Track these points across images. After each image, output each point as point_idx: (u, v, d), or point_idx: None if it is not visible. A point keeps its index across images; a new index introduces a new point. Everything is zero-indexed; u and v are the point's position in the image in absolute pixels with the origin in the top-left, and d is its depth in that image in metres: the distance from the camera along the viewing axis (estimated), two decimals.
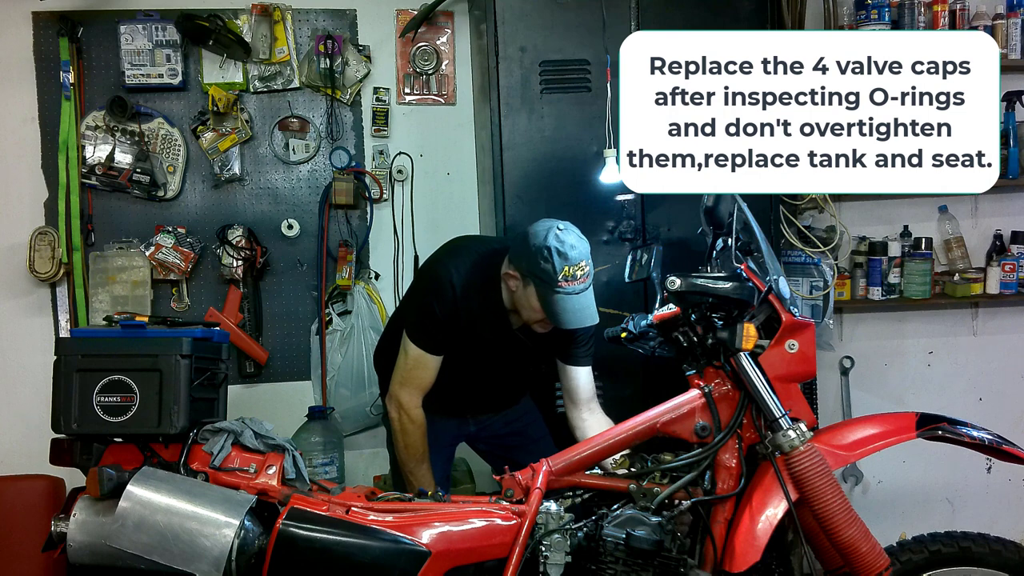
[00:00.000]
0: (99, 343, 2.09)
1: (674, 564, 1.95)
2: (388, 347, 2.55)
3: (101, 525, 1.88)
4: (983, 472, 3.64)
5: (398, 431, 2.43)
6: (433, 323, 2.38)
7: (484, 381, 2.56)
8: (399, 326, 2.48)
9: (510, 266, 2.35)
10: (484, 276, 2.40)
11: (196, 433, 2.05)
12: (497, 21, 2.87)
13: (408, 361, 2.41)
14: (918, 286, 3.46)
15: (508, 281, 2.36)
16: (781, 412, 2.00)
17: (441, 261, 2.46)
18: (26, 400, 3.23)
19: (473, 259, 2.42)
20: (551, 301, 2.25)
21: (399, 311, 2.71)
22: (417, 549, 1.91)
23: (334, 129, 3.41)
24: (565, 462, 2.11)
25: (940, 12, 3.35)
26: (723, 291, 2.10)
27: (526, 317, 2.37)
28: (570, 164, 2.91)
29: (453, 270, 2.39)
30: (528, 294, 2.31)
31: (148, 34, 3.23)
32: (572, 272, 2.23)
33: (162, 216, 3.33)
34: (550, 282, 2.23)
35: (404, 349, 2.42)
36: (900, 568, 2.08)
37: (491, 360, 2.49)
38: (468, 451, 2.88)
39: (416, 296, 2.52)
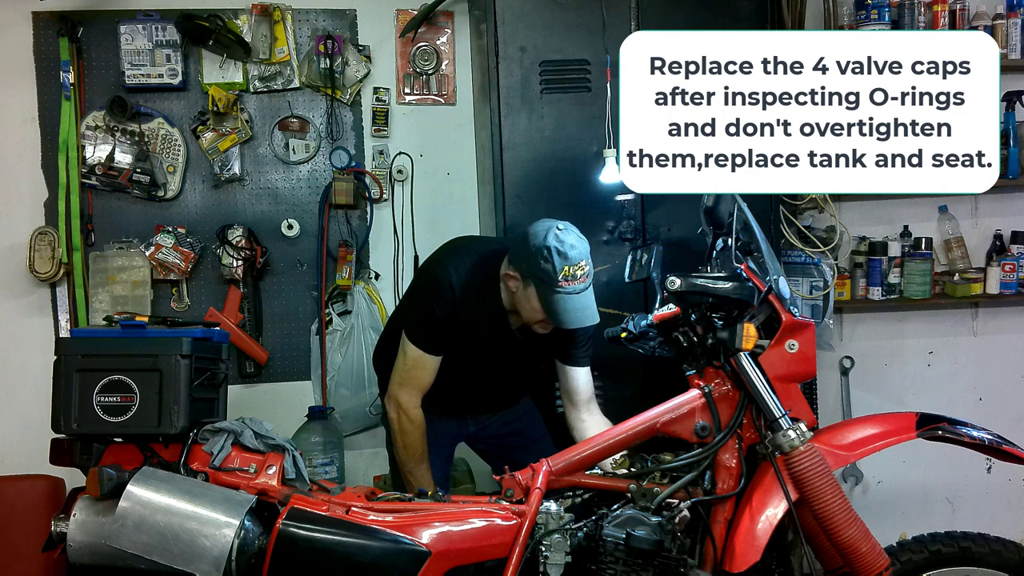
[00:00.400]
0: (99, 343, 2.09)
1: (674, 564, 1.95)
2: (387, 347, 2.55)
3: (101, 525, 1.88)
4: (983, 472, 3.64)
5: (397, 431, 2.43)
6: (432, 323, 2.38)
7: (483, 381, 2.56)
8: (398, 326, 2.48)
9: (510, 267, 2.35)
10: (484, 276, 2.40)
11: (196, 433, 2.05)
12: (497, 21, 2.87)
13: (407, 361, 2.41)
14: (918, 286, 3.46)
15: (508, 282, 2.36)
16: (781, 412, 2.00)
17: (440, 262, 2.46)
18: (26, 400, 3.23)
19: (473, 260, 2.42)
20: (551, 301, 2.25)
21: (398, 311, 2.71)
22: (417, 549, 1.91)
23: (334, 129, 3.41)
24: (565, 462, 2.11)
25: (940, 12, 3.34)
26: (723, 291, 2.10)
27: (526, 317, 2.36)
28: (570, 164, 2.91)
29: (452, 270, 2.39)
30: (528, 294, 2.30)
31: (148, 34, 3.23)
32: (572, 272, 2.23)
33: (162, 216, 3.33)
34: (550, 282, 2.23)
35: (403, 349, 2.42)
36: (900, 568, 2.08)
37: (490, 360, 2.49)
38: (468, 451, 2.88)
39: (415, 296, 2.52)
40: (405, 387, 2.42)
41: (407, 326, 2.43)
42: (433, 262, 2.50)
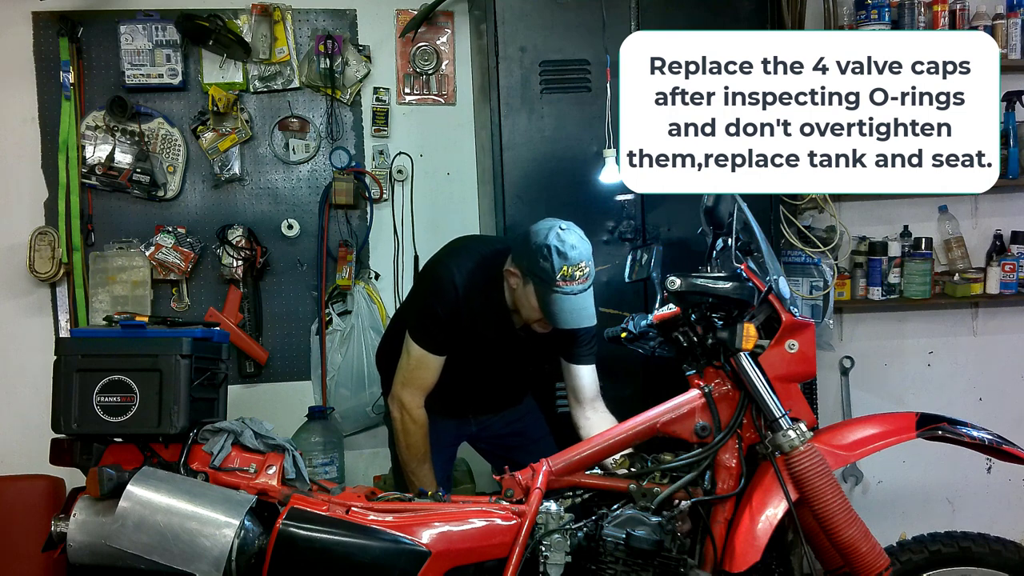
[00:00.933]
0: (99, 343, 2.09)
1: (674, 564, 1.95)
2: (390, 347, 2.55)
3: (101, 525, 1.88)
4: (983, 472, 3.64)
5: (400, 431, 2.43)
6: (435, 323, 2.37)
7: (486, 381, 2.56)
8: (401, 326, 2.48)
9: (512, 264, 2.35)
10: (486, 276, 2.40)
11: (196, 433, 2.05)
12: (497, 21, 2.87)
13: (411, 361, 2.41)
14: (918, 286, 3.46)
15: (509, 279, 2.36)
16: (781, 412, 2.00)
17: (443, 262, 2.46)
18: (26, 400, 3.23)
19: (475, 259, 2.42)
20: (549, 300, 2.25)
21: (401, 311, 2.71)
22: (417, 549, 1.91)
23: (334, 129, 3.41)
24: (565, 462, 2.11)
25: (940, 12, 3.34)
26: (723, 291, 2.10)
27: (525, 316, 2.36)
28: (570, 164, 2.91)
29: (455, 270, 2.39)
30: (527, 292, 2.30)
31: (148, 34, 3.23)
32: (571, 272, 2.23)
33: (162, 216, 3.33)
34: (548, 281, 2.23)
35: (407, 350, 2.41)
36: (900, 568, 2.08)
37: (493, 360, 2.49)
38: (468, 451, 2.87)
39: (418, 297, 2.52)
40: (408, 387, 2.41)
41: (410, 326, 2.43)
42: (436, 262, 2.49)
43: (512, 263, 2.35)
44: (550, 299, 2.25)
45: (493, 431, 2.69)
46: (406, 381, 2.41)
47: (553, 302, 2.25)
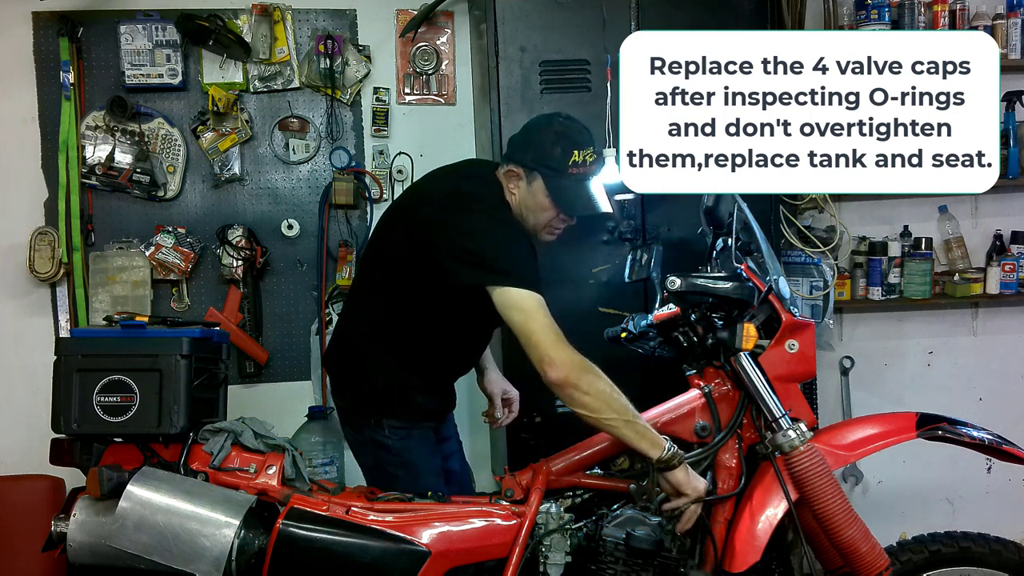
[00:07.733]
0: (99, 343, 2.09)
1: (674, 564, 1.96)
2: (436, 329, 2.14)
3: (101, 525, 1.88)
4: (983, 472, 3.64)
5: (594, 396, 1.93)
6: (529, 254, 2.08)
7: (472, 349, 2.33)
8: (391, 316, 2.15)
9: (512, 164, 2.15)
10: (497, 196, 2.16)
11: (196, 433, 2.04)
12: (497, 21, 2.87)
13: (538, 315, 1.95)
14: (918, 286, 3.46)
15: (510, 183, 2.15)
16: (781, 412, 2.01)
17: (473, 178, 2.18)
18: (26, 400, 3.23)
19: (483, 176, 2.21)
20: (562, 188, 2.09)
21: (460, 264, 2.06)
22: (417, 549, 1.91)
23: (334, 129, 3.41)
24: (565, 462, 2.11)
25: (940, 12, 3.34)
26: (723, 291, 2.10)
27: (532, 222, 2.15)
28: None
29: (492, 181, 2.15)
30: (534, 189, 2.11)
31: (148, 34, 3.23)
32: (582, 157, 2.11)
33: (162, 216, 3.33)
34: (560, 169, 2.08)
35: (519, 306, 1.95)
36: (900, 568, 2.08)
37: (483, 319, 2.14)
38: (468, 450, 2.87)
39: (487, 227, 2.07)
40: (559, 342, 1.94)
41: (501, 274, 1.98)
42: (470, 196, 2.12)
43: (511, 164, 2.15)
44: (563, 186, 2.10)
45: (443, 434, 2.44)
46: (554, 339, 1.94)
47: (567, 187, 2.10)
